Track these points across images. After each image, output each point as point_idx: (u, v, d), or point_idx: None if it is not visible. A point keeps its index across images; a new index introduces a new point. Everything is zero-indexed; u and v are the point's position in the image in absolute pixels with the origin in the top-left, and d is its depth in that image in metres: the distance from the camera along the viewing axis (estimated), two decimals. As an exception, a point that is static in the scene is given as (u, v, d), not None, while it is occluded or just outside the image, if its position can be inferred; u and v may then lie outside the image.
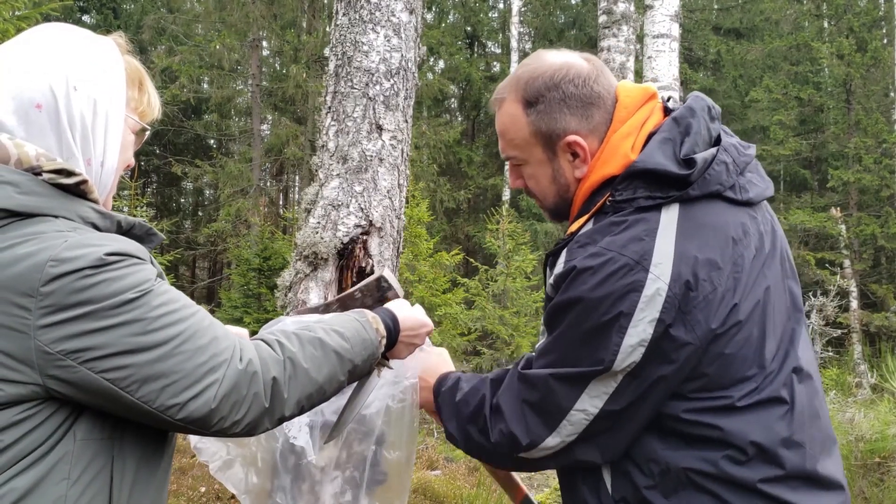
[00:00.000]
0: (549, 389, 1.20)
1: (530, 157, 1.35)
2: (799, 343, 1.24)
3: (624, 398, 1.16)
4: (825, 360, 7.19)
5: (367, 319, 1.32)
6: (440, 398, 1.46)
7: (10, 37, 4.54)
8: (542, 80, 1.29)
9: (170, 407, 1.01)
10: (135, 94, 1.21)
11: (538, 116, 1.30)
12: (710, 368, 1.15)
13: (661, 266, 1.12)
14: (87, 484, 1.01)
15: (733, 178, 1.22)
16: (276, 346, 1.15)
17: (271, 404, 1.10)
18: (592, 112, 1.29)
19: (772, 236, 1.27)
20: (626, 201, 1.20)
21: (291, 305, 2.16)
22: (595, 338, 1.15)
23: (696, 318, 1.12)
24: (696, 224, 1.17)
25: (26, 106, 1.06)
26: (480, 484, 5.75)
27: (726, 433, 1.14)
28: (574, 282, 1.17)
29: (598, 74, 1.30)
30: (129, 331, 0.98)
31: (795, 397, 1.19)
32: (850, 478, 4.71)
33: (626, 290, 1.12)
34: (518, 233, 10.75)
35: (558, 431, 1.20)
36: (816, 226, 12.80)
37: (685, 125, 1.23)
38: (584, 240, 1.21)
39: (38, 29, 1.14)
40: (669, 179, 1.18)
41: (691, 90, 1.40)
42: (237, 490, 1.48)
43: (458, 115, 20.75)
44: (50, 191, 1.04)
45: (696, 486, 1.15)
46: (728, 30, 18.43)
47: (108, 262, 0.99)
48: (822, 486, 1.19)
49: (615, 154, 1.26)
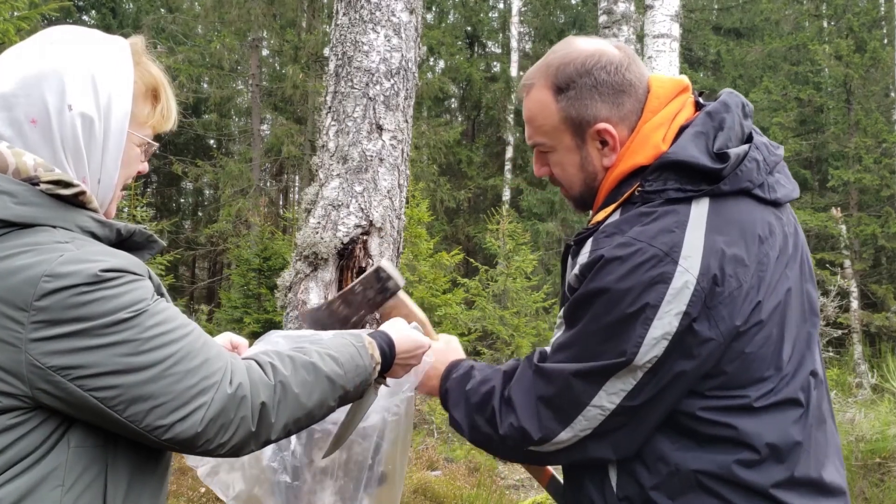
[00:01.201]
0: (567, 385, 1.19)
1: (558, 144, 1.33)
2: (815, 347, 1.24)
3: (642, 395, 1.15)
4: (826, 360, 7.19)
5: (363, 345, 1.31)
6: (448, 383, 1.44)
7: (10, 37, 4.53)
8: (574, 66, 1.28)
9: (156, 428, 1.00)
10: (144, 107, 1.18)
11: (568, 103, 1.28)
12: (730, 366, 1.14)
13: (691, 259, 1.11)
14: (82, 491, 1.01)
15: (763, 177, 1.21)
16: (268, 368, 1.14)
17: (258, 428, 1.09)
18: (623, 100, 1.27)
19: (794, 238, 1.26)
20: (656, 192, 1.19)
21: (291, 305, 2.15)
22: (619, 329, 1.14)
23: (720, 314, 1.11)
24: (726, 219, 1.16)
25: (22, 119, 1.05)
26: (480, 484, 5.75)
27: (741, 433, 1.13)
28: (601, 271, 1.15)
29: (630, 63, 1.29)
30: (120, 351, 0.98)
31: (811, 401, 1.18)
32: (851, 478, 4.70)
33: (655, 282, 1.11)
34: (518, 233, 10.74)
35: (572, 427, 1.19)
36: (817, 226, 12.79)
37: (719, 120, 1.22)
38: (612, 230, 1.20)
39: (46, 33, 1.12)
40: (702, 173, 1.17)
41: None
42: (224, 496, 1.48)
43: (459, 115, 20.73)
44: (48, 201, 1.03)
45: (704, 488, 1.14)
46: (728, 30, 18.44)
47: (104, 279, 0.98)
48: (827, 492, 1.18)
49: (646, 144, 1.24)
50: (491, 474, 6.20)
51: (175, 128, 1.27)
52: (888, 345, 9.78)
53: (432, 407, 8.08)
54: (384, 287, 1.54)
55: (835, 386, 6.61)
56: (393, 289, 1.56)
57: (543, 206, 14.87)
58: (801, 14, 16.80)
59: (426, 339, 1.49)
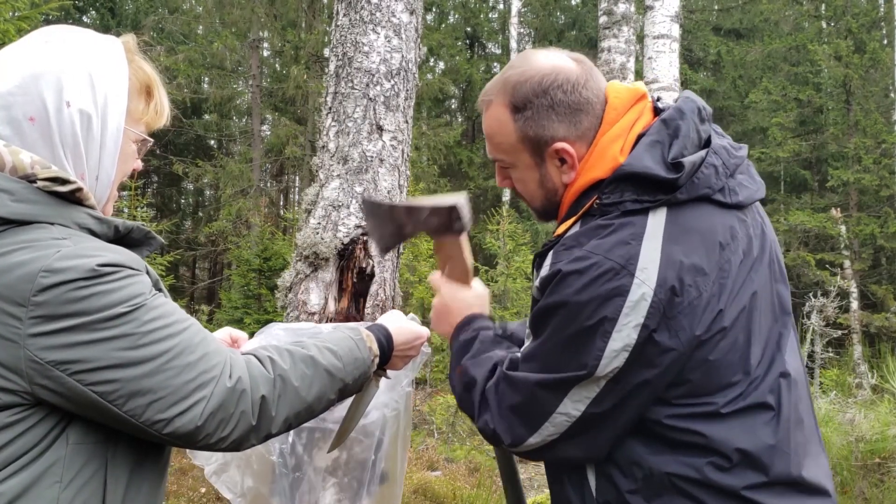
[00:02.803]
0: (532, 394, 1.20)
1: (518, 162, 1.33)
2: (786, 348, 1.23)
3: (606, 402, 1.15)
4: (825, 360, 7.19)
5: (361, 338, 1.33)
6: (455, 344, 1.44)
7: (9, 36, 4.54)
8: (531, 84, 1.26)
9: (156, 422, 1.01)
10: (139, 104, 1.19)
11: (525, 123, 1.27)
12: (695, 375, 1.14)
13: (647, 271, 1.11)
14: (81, 487, 1.01)
15: (723, 181, 1.20)
16: (267, 363, 1.15)
17: (258, 422, 1.10)
18: (581, 118, 1.26)
19: (761, 239, 1.25)
20: (613, 204, 1.19)
21: (292, 306, 2.16)
22: (579, 342, 1.14)
23: (680, 324, 1.11)
24: (684, 228, 1.16)
25: (20, 118, 1.06)
26: (480, 484, 5.75)
27: (710, 440, 1.13)
28: (559, 285, 1.16)
29: (587, 79, 1.27)
30: (118, 345, 0.99)
31: (782, 403, 1.18)
32: (850, 478, 4.71)
33: (611, 295, 1.11)
34: (518, 233, 10.75)
35: (540, 432, 1.20)
36: (816, 226, 12.79)
37: (674, 127, 1.21)
38: (570, 242, 1.20)
39: (40, 33, 1.13)
40: (657, 183, 1.16)
41: (691, 90, 1.38)
42: (232, 493, 1.48)
43: (459, 115, 20.74)
44: (45, 198, 1.03)
45: (679, 491, 1.14)
46: (728, 30, 18.44)
47: (101, 274, 0.99)
48: (808, 491, 1.18)
49: (603, 157, 1.24)
50: (491, 474, 6.20)
51: (168, 124, 1.28)
52: (888, 345, 9.78)
53: (432, 407, 8.09)
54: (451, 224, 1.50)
55: (835, 386, 6.62)
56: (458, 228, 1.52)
57: (543, 207, 14.84)
58: (800, 15, 16.81)
59: (424, 329, 1.49)
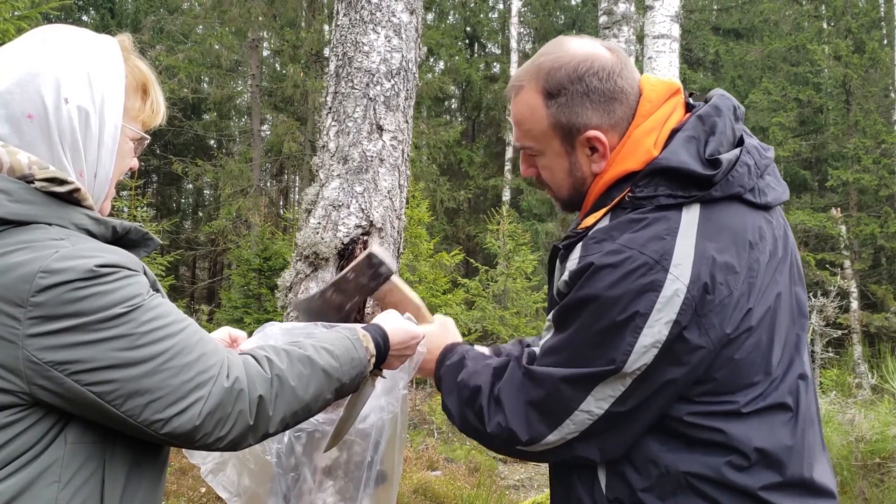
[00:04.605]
0: (556, 389, 1.18)
1: (546, 149, 1.31)
2: (803, 349, 1.23)
3: (631, 401, 1.14)
4: (825, 360, 7.19)
5: (357, 338, 1.32)
6: (442, 370, 1.43)
7: (10, 36, 4.53)
8: (566, 70, 1.24)
9: (154, 422, 1.01)
10: (135, 102, 1.20)
11: (559, 109, 1.25)
12: (720, 373, 1.13)
13: (681, 267, 1.10)
14: (79, 487, 1.01)
15: (754, 181, 1.20)
16: (264, 362, 1.15)
17: (256, 422, 1.10)
18: (615, 107, 1.25)
19: (784, 241, 1.25)
20: (646, 198, 1.17)
21: (292, 306, 2.15)
22: (608, 337, 1.12)
23: (710, 322, 1.10)
24: (717, 226, 1.15)
25: (18, 116, 1.06)
26: (480, 484, 5.75)
27: (731, 438, 1.13)
28: (591, 279, 1.14)
29: (622, 67, 1.26)
30: (116, 345, 0.99)
31: (800, 404, 1.18)
32: (851, 478, 4.71)
33: (645, 290, 1.10)
34: (518, 233, 10.75)
35: (560, 430, 1.19)
36: (816, 226, 12.79)
37: (710, 124, 1.20)
38: (602, 236, 1.18)
39: (36, 32, 1.13)
40: (693, 179, 1.15)
41: (691, 91, 1.38)
42: (228, 492, 1.48)
43: (458, 115, 20.74)
44: (43, 199, 1.03)
45: (694, 490, 1.14)
46: (727, 30, 18.44)
47: (99, 274, 0.99)
48: (817, 492, 1.18)
49: (637, 150, 1.22)
50: (491, 474, 6.20)
51: (164, 123, 1.28)
52: (888, 345, 9.78)
53: (432, 407, 8.08)
54: (377, 273, 1.51)
55: (834, 386, 6.61)
56: (385, 274, 1.52)
57: (543, 207, 14.87)
58: (800, 15, 16.80)
59: (420, 329, 1.48)
